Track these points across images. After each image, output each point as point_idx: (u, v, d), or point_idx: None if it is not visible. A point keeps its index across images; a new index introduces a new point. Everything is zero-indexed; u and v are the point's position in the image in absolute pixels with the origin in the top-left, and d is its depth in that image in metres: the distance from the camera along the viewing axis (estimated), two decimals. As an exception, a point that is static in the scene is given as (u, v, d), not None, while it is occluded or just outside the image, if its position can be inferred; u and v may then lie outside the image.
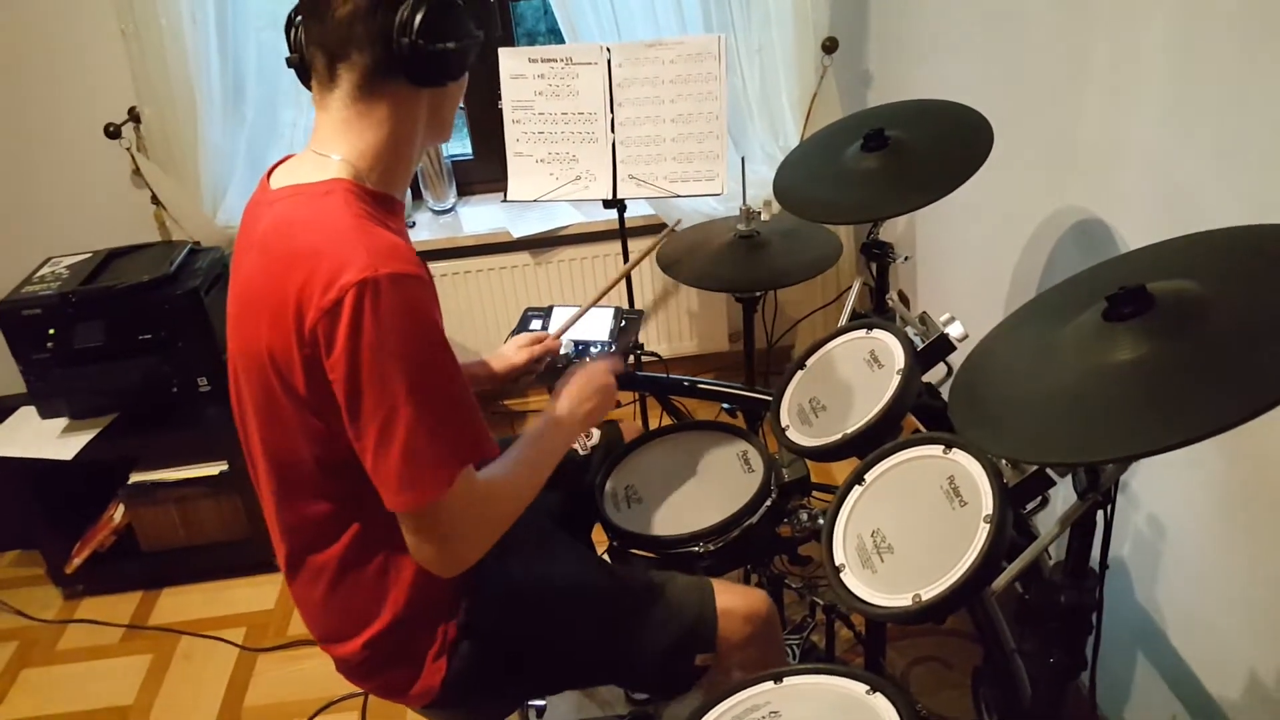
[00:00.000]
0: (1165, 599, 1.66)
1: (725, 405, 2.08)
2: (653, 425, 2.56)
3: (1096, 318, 0.97)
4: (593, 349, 1.95)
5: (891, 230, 2.93)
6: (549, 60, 2.22)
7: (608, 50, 2.19)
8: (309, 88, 1.21)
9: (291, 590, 1.38)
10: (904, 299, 2.89)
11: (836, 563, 1.29)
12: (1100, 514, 1.08)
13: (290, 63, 1.24)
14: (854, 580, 1.26)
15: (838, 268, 2.89)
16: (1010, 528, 1.17)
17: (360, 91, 1.16)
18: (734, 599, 1.46)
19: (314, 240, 1.12)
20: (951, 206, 1.69)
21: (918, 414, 1.71)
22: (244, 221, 1.28)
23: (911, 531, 1.27)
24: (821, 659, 1.96)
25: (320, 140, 1.20)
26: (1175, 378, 0.87)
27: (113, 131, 2.75)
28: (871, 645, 1.79)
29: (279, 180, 1.23)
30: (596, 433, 1.84)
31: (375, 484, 1.15)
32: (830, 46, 2.69)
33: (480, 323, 3.12)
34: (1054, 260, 1.88)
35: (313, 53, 1.17)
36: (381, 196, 1.22)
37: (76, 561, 2.63)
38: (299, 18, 1.20)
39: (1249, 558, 1.42)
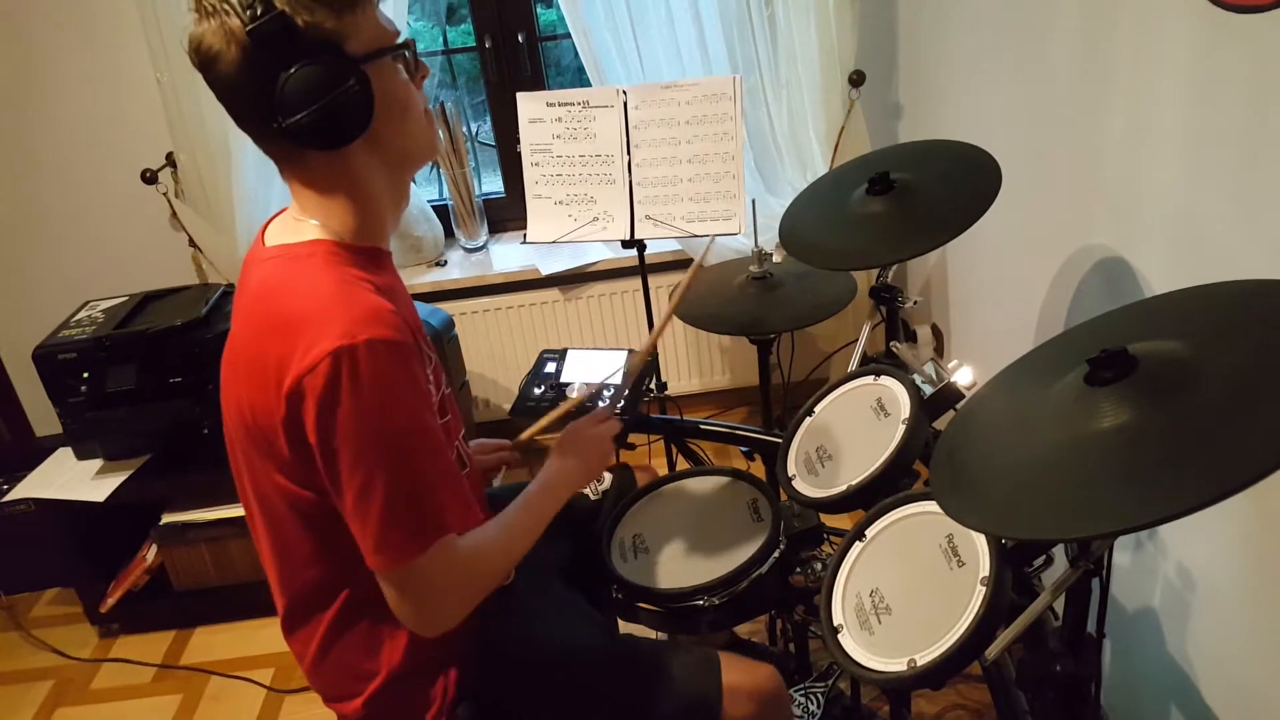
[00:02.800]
0: (1196, 651, 1.59)
1: (743, 449, 2.05)
2: (669, 464, 2.53)
3: (1079, 381, 0.93)
4: (605, 392, 1.93)
5: (923, 264, 2.89)
6: (566, 104, 2.22)
7: (624, 93, 2.19)
8: None
9: (290, 646, 1.38)
10: (938, 333, 2.84)
11: (835, 624, 1.26)
12: (1095, 581, 1.03)
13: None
14: (851, 642, 1.23)
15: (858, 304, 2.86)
16: (1008, 590, 1.13)
17: (294, 165, 1.17)
18: (741, 675, 1.42)
19: (294, 305, 1.12)
20: (983, 241, 1.66)
21: (928, 463, 1.67)
22: (240, 277, 1.29)
23: (910, 592, 1.23)
24: (848, 707, 1.91)
25: (295, 205, 1.21)
26: (1155, 449, 0.83)
27: (150, 177, 2.81)
28: (895, 692, 1.74)
29: (272, 236, 1.23)
30: (609, 477, 1.82)
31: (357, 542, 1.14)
32: (857, 80, 2.66)
33: (511, 359, 3.14)
34: (1080, 300, 1.83)
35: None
36: (366, 250, 1.21)
37: (111, 601, 2.67)
38: None
39: None
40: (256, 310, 1.18)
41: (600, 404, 1.72)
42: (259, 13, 1.05)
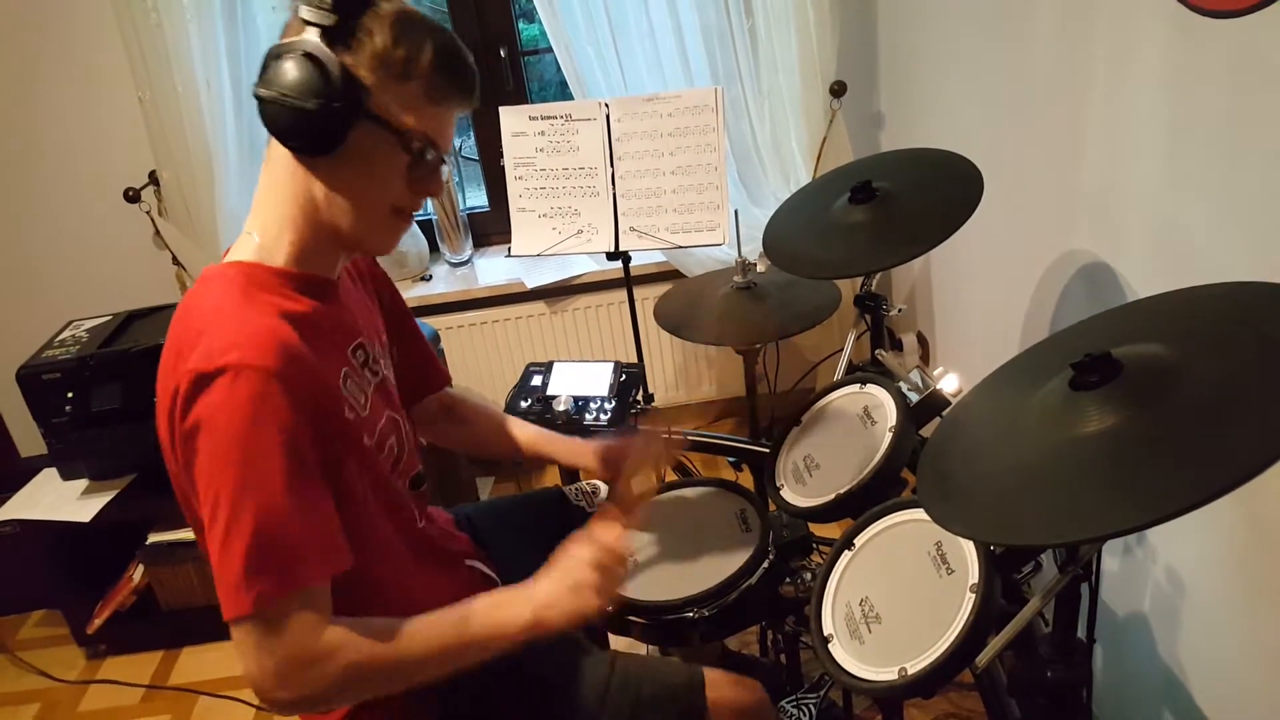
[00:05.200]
0: (1187, 653, 1.60)
1: (731, 459, 2.05)
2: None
3: (1064, 385, 0.93)
4: (592, 405, 1.93)
5: (907, 272, 2.90)
6: (549, 117, 2.23)
7: (606, 106, 2.19)
8: None
9: None
10: (923, 341, 2.85)
11: (825, 633, 1.26)
12: (1085, 586, 1.03)
13: None
14: (842, 652, 1.23)
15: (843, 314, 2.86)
16: (997, 598, 1.13)
17: (270, 157, 1.16)
18: (725, 691, 1.40)
19: (183, 329, 1.11)
20: (966, 248, 1.66)
21: (915, 470, 1.67)
22: None
23: (899, 600, 1.24)
24: (840, 717, 1.91)
25: (250, 217, 1.20)
26: (1140, 452, 0.83)
27: (132, 196, 2.80)
28: (887, 701, 1.73)
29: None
30: (604, 489, 1.82)
31: None
32: (839, 90, 2.67)
33: (498, 373, 3.13)
34: (1064, 305, 1.84)
35: None
36: (294, 276, 1.18)
37: (98, 622, 2.65)
38: None
39: (1271, 610, 1.36)
40: (168, 337, 1.16)
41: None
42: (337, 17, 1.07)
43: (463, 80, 1.18)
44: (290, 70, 1.07)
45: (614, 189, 2.23)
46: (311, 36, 1.08)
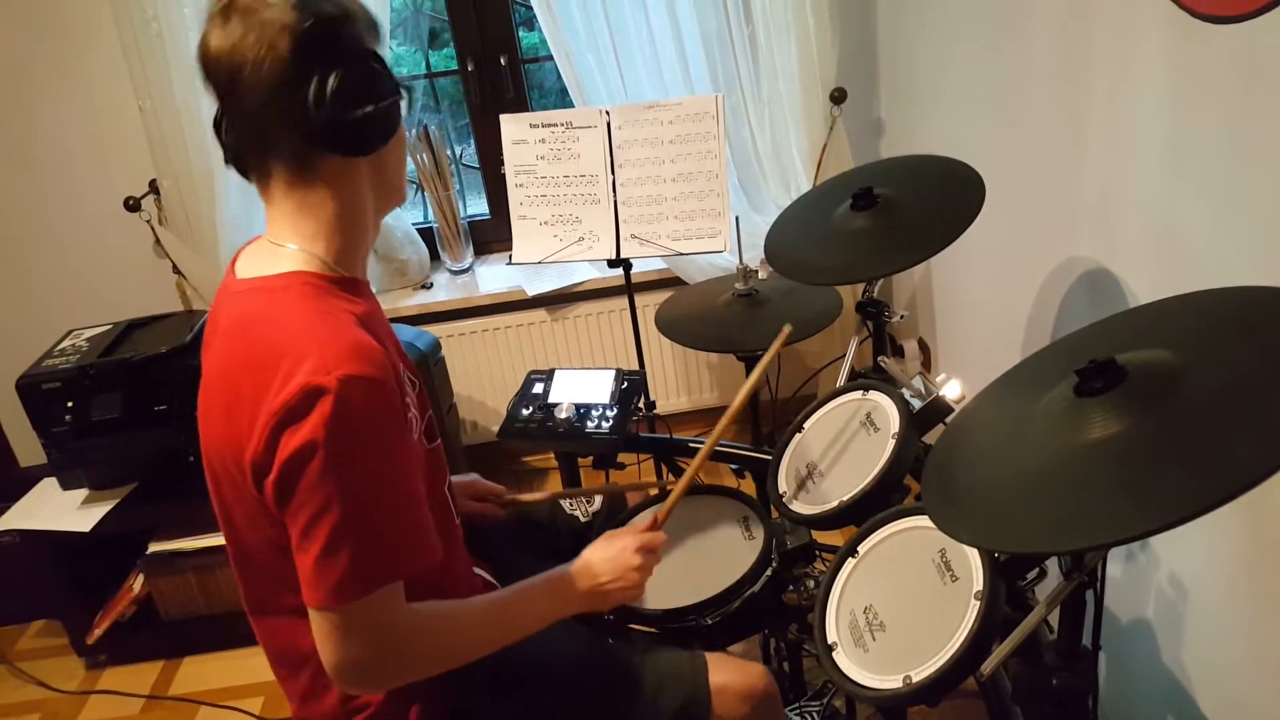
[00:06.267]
0: (1191, 660, 1.59)
1: (733, 466, 2.04)
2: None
3: (1069, 392, 0.93)
4: (594, 412, 1.93)
5: (907, 278, 2.90)
6: (549, 125, 2.23)
7: (607, 113, 2.20)
8: (251, 182, 1.19)
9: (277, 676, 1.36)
10: (924, 348, 2.84)
11: (829, 641, 1.26)
12: (1090, 593, 1.02)
13: (227, 161, 1.20)
14: (846, 660, 1.22)
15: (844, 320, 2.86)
16: (1002, 605, 1.12)
17: (295, 177, 1.15)
18: (729, 675, 1.40)
19: (271, 340, 1.10)
20: (967, 255, 1.66)
21: (918, 477, 1.67)
22: (212, 309, 1.27)
23: (904, 608, 1.23)
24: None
25: (274, 230, 1.19)
26: (1146, 458, 0.83)
27: (132, 205, 2.80)
28: (890, 709, 1.73)
29: (244, 268, 1.22)
30: (599, 498, 1.81)
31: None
32: (839, 97, 2.68)
33: (499, 381, 3.13)
34: (1065, 311, 1.84)
35: (242, 148, 1.16)
36: (345, 280, 1.20)
37: (98, 632, 2.64)
38: (224, 117, 1.17)
39: (1275, 617, 1.35)
40: (232, 347, 1.16)
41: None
42: (309, 14, 1.08)
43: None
44: (346, 80, 1.09)
45: (615, 196, 2.23)
46: (331, 28, 1.10)
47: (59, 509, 2.54)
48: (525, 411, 1.99)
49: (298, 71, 1.08)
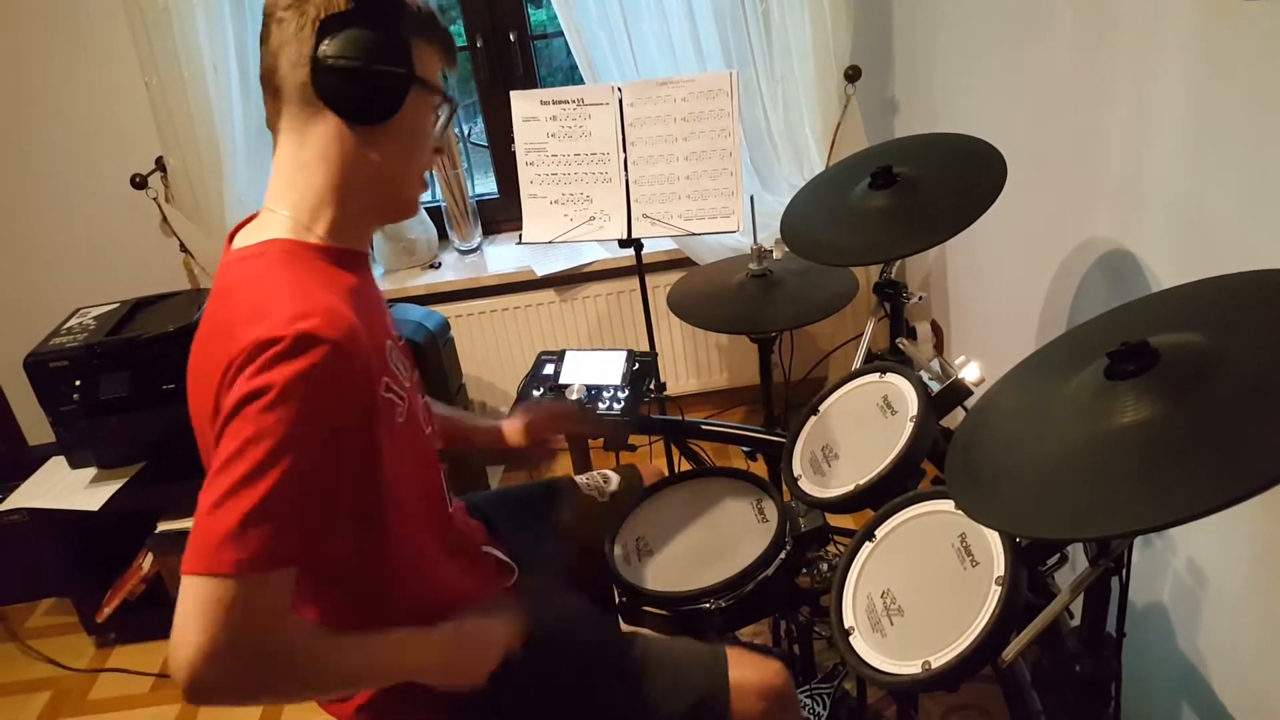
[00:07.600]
0: (1207, 647, 1.58)
1: (745, 449, 2.02)
2: (669, 465, 2.51)
3: (1099, 375, 0.91)
4: (605, 393, 1.91)
5: (923, 260, 2.87)
6: (560, 102, 2.20)
7: (619, 90, 2.16)
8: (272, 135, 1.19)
9: None
10: (937, 330, 2.82)
11: (845, 625, 1.24)
12: (1115, 580, 1.01)
13: (268, 123, 1.20)
14: (863, 645, 1.21)
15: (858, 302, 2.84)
16: (1024, 590, 1.11)
17: (295, 125, 1.14)
18: (749, 672, 1.39)
19: (238, 307, 1.07)
20: (983, 236, 1.63)
21: (935, 462, 1.65)
22: (213, 284, 1.26)
23: (922, 593, 1.21)
24: (853, 708, 1.89)
25: (272, 195, 1.17)
26: (1178, 445, 0.81)
27: (139, 182, 2.78)
28: (903, 694, 1.72)
29: (240, 240, 1.20)
30: (615, 478, 1.80)
31: None
32: (853, 75, 2.64)
33: (508, 362, 3.11)
34: (1084, 294, 1.81)
35: (265, 97, 1.16)
36: (333, 251, 1.17)
37: (107, 610, 2.64)
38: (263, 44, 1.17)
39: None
40: (207, 318, 1.14)
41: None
42: None
43: (453, 41, 1.24)
44: (358, 37, 1.09)
45: (626, 175, 2.20)
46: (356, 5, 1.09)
47: (67, 488, 2.53)
48: (536, 392, 1.98)
49: (345, 20, 1.09)
